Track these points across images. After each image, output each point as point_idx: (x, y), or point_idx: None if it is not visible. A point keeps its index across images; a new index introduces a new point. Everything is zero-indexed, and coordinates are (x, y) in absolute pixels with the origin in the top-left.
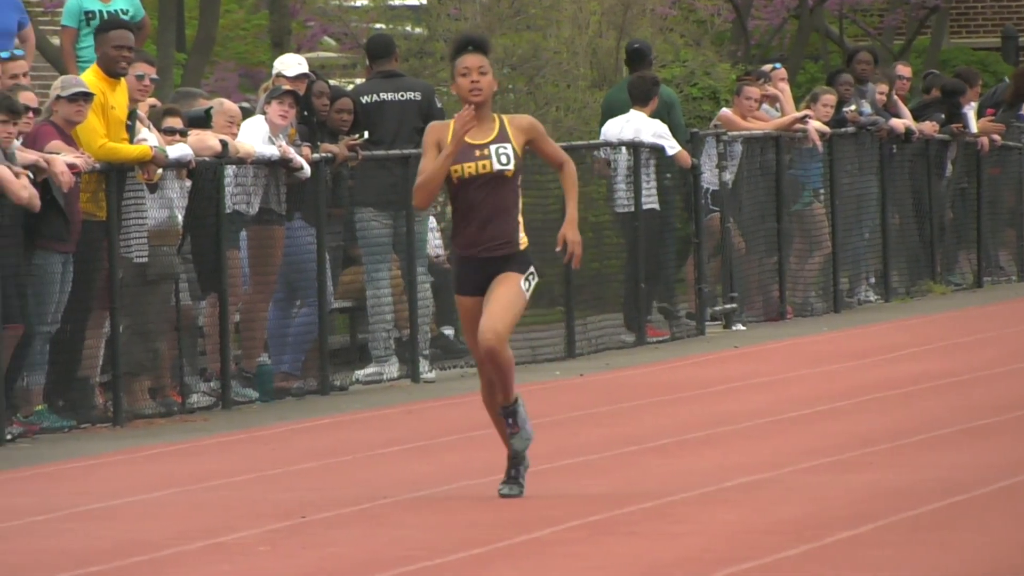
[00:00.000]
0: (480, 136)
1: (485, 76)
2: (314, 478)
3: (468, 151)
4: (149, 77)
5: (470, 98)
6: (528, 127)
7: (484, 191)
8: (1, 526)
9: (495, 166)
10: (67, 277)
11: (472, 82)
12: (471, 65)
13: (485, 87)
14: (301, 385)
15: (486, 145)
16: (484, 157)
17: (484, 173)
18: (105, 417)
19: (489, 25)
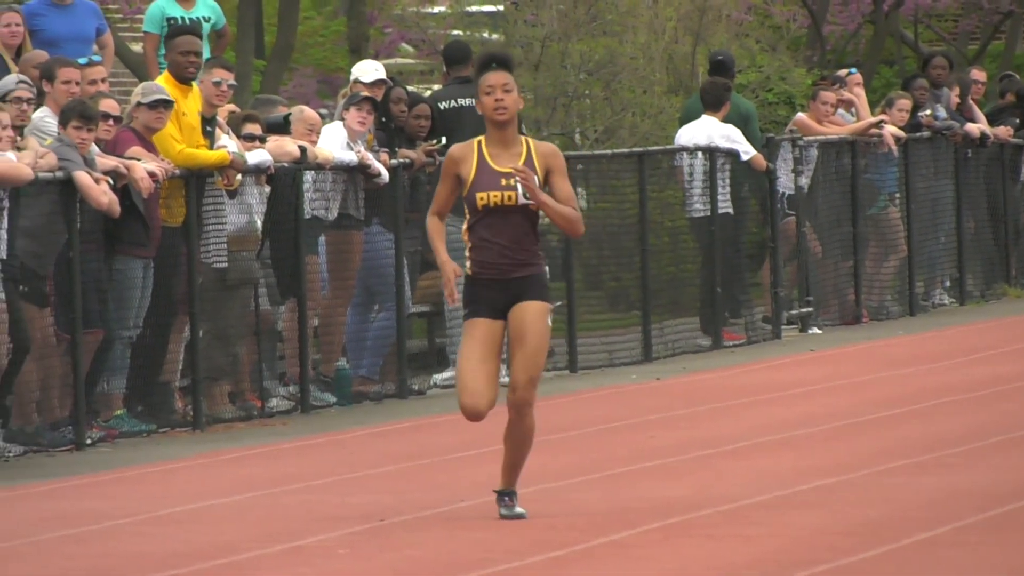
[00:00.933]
0: (506, 162)
1: (510, 94)
2: (392, 481)
3: (493, 178)
4: (227, 83)
5: (495, 117)
6: (550, 154)
7: (507, 220)
8: (82, 530)
9: (520, 199)
10: (147, 282)
11: (496, 100)
12: (495, 83)
13: (510, 105)
14: (379, 389)
15: (511, 174)
16: (510, 188)
17: (509, 205)
18: (185, 421)
19: (565, 31)
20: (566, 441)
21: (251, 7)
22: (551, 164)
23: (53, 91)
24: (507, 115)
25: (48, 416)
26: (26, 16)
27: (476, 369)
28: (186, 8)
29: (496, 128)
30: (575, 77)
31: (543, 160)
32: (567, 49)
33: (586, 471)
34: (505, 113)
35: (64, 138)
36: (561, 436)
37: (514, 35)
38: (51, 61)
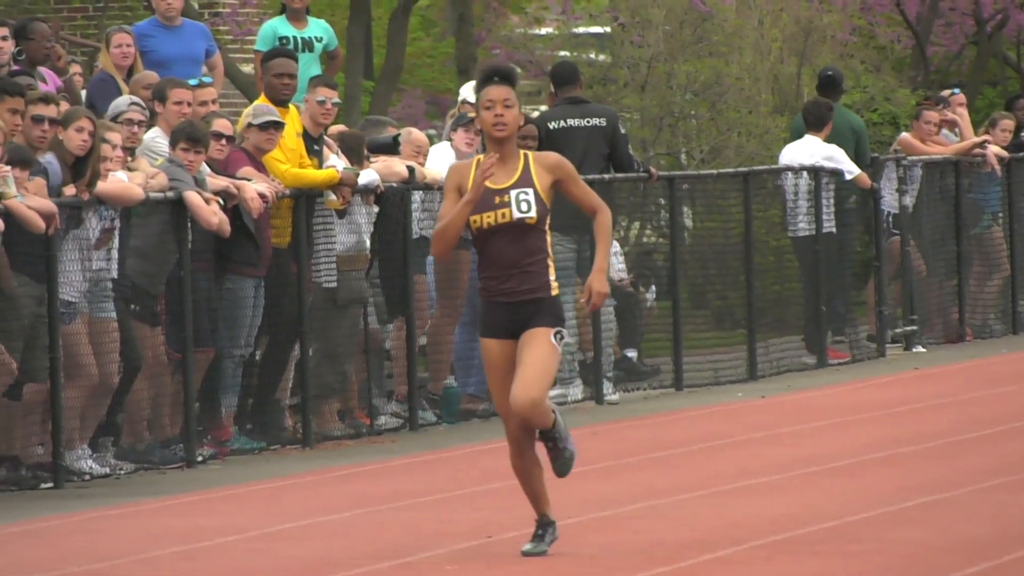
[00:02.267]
0: (501, 179)
1: (510, 109)
2: (500, 498)
3: (487, 198)
4: (331, 101)
5: (493, 133)
6: (554, 166)
7: (507, 240)
8: (193, 546)
9: (515, 214)
10: (258, 301)
11: (496, 116)
12: (495, 98)
13: (510, 121)
14: (486, 407)
15: (506, 190)
16: (503, 205)
17: (504, 222)
18: (295, 439)
19: (672, 51)
20: (672, 458)
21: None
22: (559, 175)
23: (165, 112)
24: (506, 131)
25: (159, 434)
26: (136, 37)
27: (502, 393)
28: (298, 28)
29: (494, 144)
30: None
31: (547, 173)
32: (673, 70)
33: (692, 488)
34: (504, 129)
35: (175, 159)
36: (668, 453)
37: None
38: (163, 82)
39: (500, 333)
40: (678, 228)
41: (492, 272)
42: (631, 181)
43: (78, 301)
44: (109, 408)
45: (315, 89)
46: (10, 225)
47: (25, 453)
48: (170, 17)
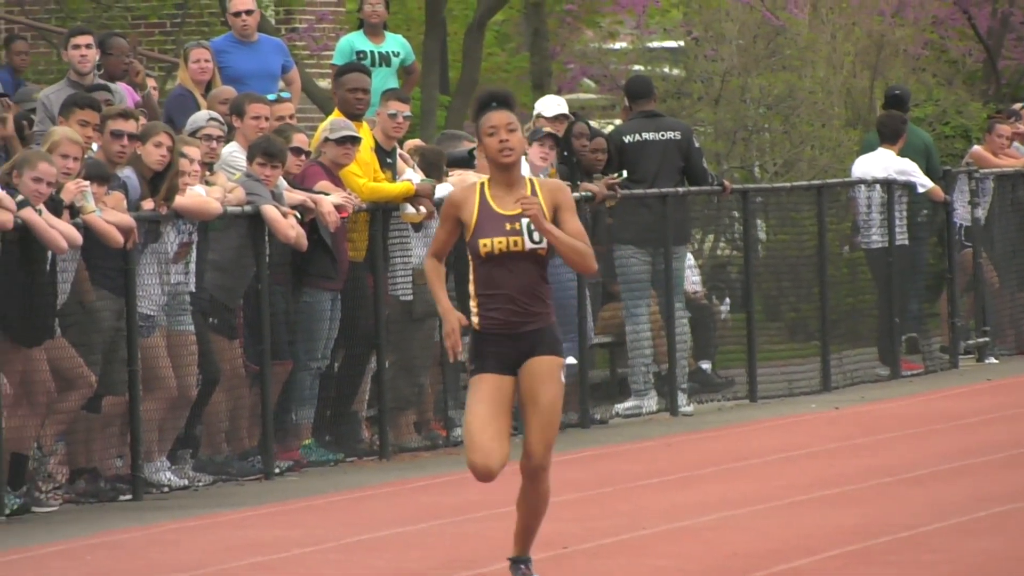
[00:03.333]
0: (511, 205)
1: (514, 134)
2: (576, 509)
3: (497, 223)
4: (402, 115)
5: (500, 159)
6: (556, 190)
7: (513, 268)
8: (271, 557)
9: (527, 244)
10: (335, 314)
11: (501, 141)
12: (498, 123)
13: (516, 146)
14: (562, 419)
15: (517, 218)
16: (515, 233)
17: (516, 251)
18: (371, 450)
19: (745, 65)
20: (747, 469)
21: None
22: (559, 200)
23: (242, 127)
24: (513, 156)
25: (237, 446)
26: (213, 53)
27: (485, 427)
28: (375, 42)
29: (500, 170)
30: (755, 111)
31: (550, 197)
32: (747, 84)
33: (766, 499)
34: (511, 155)
35: (252, 173)
36: (742, 464)
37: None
38: (241, 97)
39: (498, 368)
40: (752, 241)
41: (493, 302)
42: (705, 194)
43: (156, 314)
44: (187, 420)
45: (387, 103)
46: (89, 239)
47: (104, 465)
48: (246, 35)
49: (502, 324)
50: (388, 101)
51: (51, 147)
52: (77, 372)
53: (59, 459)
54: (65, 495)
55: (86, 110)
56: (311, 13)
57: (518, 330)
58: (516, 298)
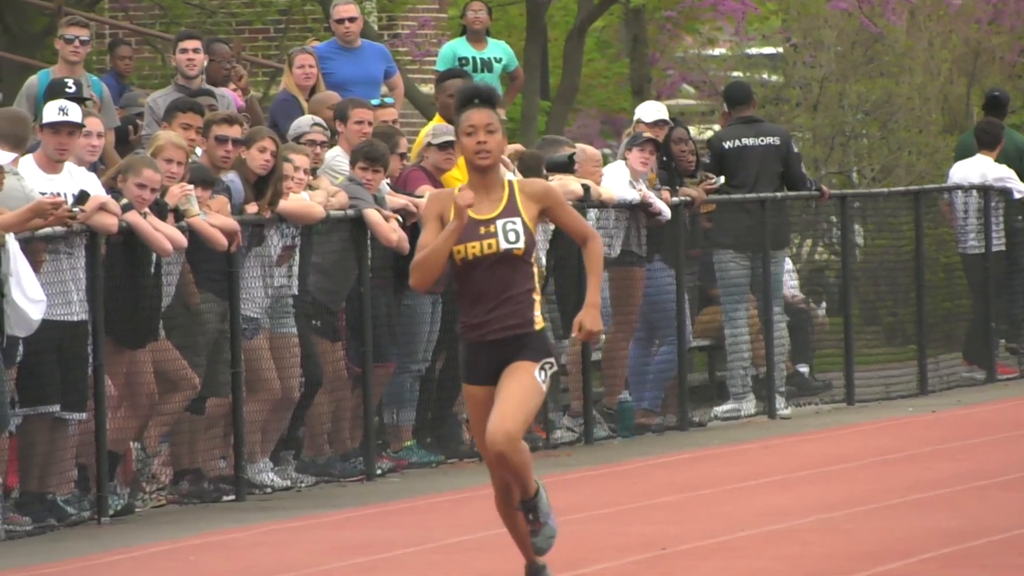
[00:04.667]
0: (486, 209)
1: (493, 135)
2: (673, 511)
3: (472, 228)
4: None
5: (476, 161)
6: (541, 194)
7: (491, 272)
8: (372, 558)
9: (502, 245)
10: (436, 317)
11: (479, 143)
12: (477, 123)
13: (494, 148)
14: (661, 421)
15: (492, 220)
16: (490, 235)
17: (490, 253)
18: (472, 452)
19: (843, 72)
20: (844, 472)
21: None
22: (547, 203)
23: (346, 131)
24: (490, 159)
25: (339, 447)
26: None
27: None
28: (478, 49)
29: (477, 173)
30: (852, 117)
31: (533, 201)
32: (845, 90)
33: (863, 501)
34: (488, 157)
35: (355, 177)
36: (839, 467)
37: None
38: (345, 102)
39: (485, 379)
40: (849, 245)
41: (474, 309)
42: (803, 199)
43: (260, 317)
44: (290, 422)
45: None
46: (194, 242)
47: (207, 466)
48: (349, 41)
49: (484, 331)
50: None
51: (156, 151)
52: (181, 374)
53: (163, 460)
54: (169, 496)
55: (188, 113)
56: (413, 19)
57: (501, 336)
58: (496, 304)
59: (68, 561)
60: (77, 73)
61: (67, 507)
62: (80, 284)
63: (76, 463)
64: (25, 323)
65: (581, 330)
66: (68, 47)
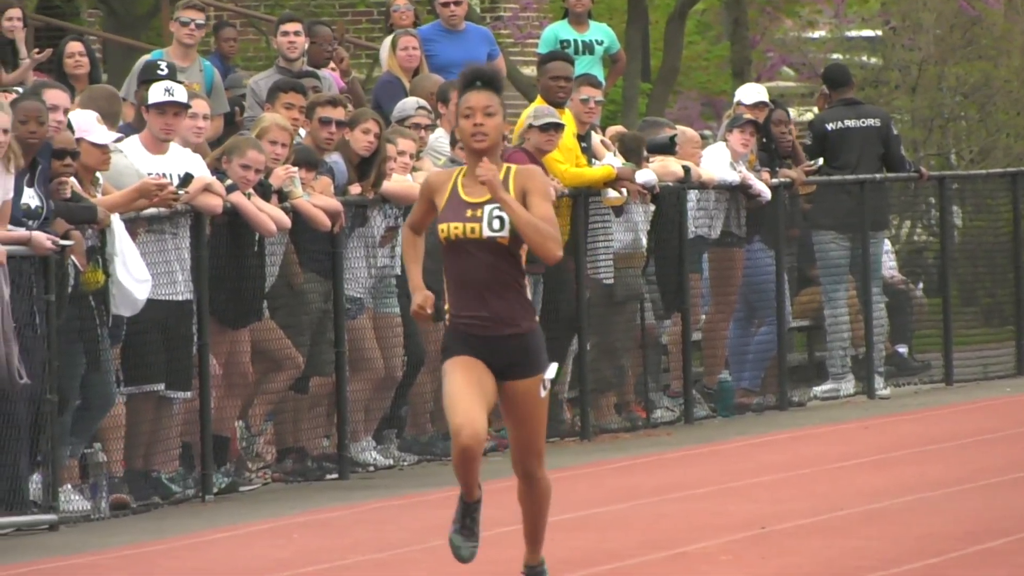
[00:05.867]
0: (477, 193)
1: (492, 118)
2: (773, 490)
3: (460, 208)
4: (594, 100)
5: (472, 144)
6: (526, 176)
7: (476, 259)
8: None
9: (485, 232)
10: (537, 298)
11: (476, 125)
12: (475, 105)
13: (491, 131)
14: (760, 401)
15: (480, 205)
16: (475, 220)
17: (473, 238)
18: (573, 431)
19: (942, 55)
20: (942, 452)
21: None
22: (527, 185)
23: (448, 113)
24: (487, 142)
25: (441, 426)
26: (421, 41)
27: (462, 393)
28: (580, 31)
29: (473, 156)
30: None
31: (519, 182)
32: (943, 72)
33: (961, 481)
34: (485, 140)
35: (456, 158)
36: (937, 447)
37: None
38: (447, 84)
39: (473, 353)
40: (948, 227)
41: (462, 300)
42: (902, 181)
43: (363, 297)
44: (393, 401)
45: (579, 88)
46: (297, 223)
47: (311, 445)
48: (453, 24)
49: (473, 321)
50: (580, 87)
51: (260, 133)
52: (285, 353)
53: (267, 439)
54: (273, 474)
55: (291, 93)
56: (515, 2)
57: (491, 333)
58: (483, 293)
59: (173, 539)
60: (191, 56)
61: (172, 485)
62: (185, 264)
63: (180, 441)
64: (130, 302)
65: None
66: (183, 29)
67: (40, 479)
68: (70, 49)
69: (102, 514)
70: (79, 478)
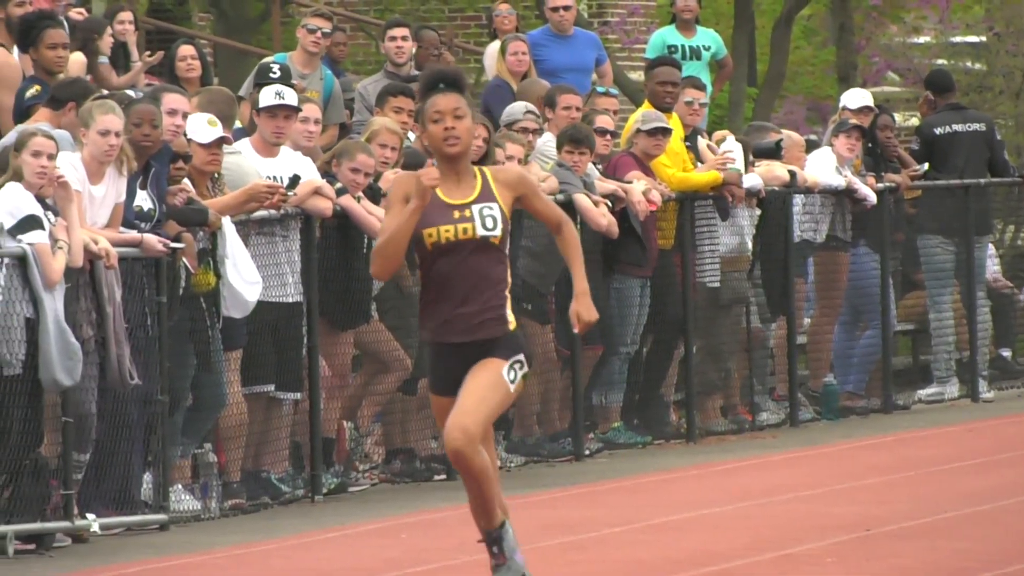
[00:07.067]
0: (460, 194)
1: (462, 120)
2: (878, 493)
3: (445, 211)
4: (698, 102)
5: (445, 149)
6: (516, 181)
7: (463, 261)
8: (580, 537)
9: (479, 231)
10: (644, 300)
11: (446, 129)
12: (444, 108)
13: (463, 134)
14: (865, 404)
15: (467, 205)
16: (466, 220)
17: (465, 239)
18: (678, 433)
19: None
20: None
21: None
22: (521, 191)
23: (555, 117)
24: (459, 146)
25: (548, 428)
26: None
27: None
28: (687, 37)
29: (446, 161)
30: None
31: (508, 189)
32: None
33: None
34: (457, 144)
35: (563, 162)
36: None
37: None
38: (553, 89)
39: (451, 387)
40: None
41: (440, 306)
42: (1006, 186)
43: None
44: None
45: (684, 90)
46: None
47: (419, 446)
48: (562, 29)
49: (453, 329)
50: (685, 88)
51: (370, 137)
52: (394, 355)
53: (376, 439)
54: (381, 475)
55: (400, 97)
56: (623, 7)
57: (470, 337)
58: (468, 297)
59: (282, 539)
60: (313, 64)
61: (281, 485)
62: (295, 266)
63: (290, 442)
64: (241, 304)
65: (580, 321)
66: (310, 37)
67: (151, 479)
68: (182, 52)
69: (212, 514)
70: (190, 478)
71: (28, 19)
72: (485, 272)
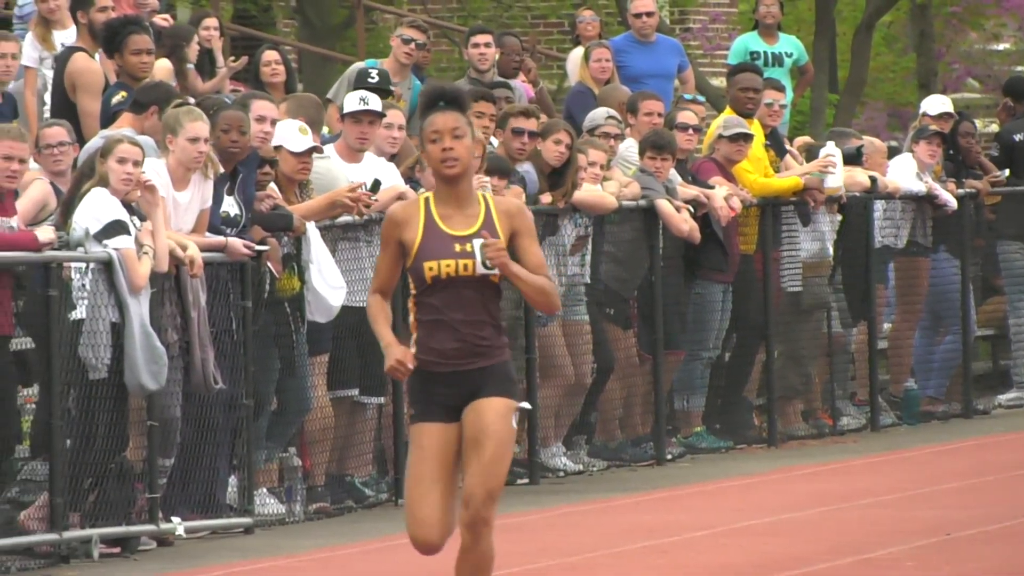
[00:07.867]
0: (460, 224)
1: (461, 140)
2: (958, 497)
3: (446, 243)
4: (778, 103)
5: (443, 171)
6: (515, 214)
7: (461, 294)
8: (663, 541)
9: (479, 269)
10: (726, 305)
11: (444, 150)
12: (442, 127)
13: (462, 155)
14: (945, 409)
15: (468, 238)
16: (467, 255)
17: (466, 276)
18: (760, 438)
19: None
20: None
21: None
22: (517, 225)
23: (637, 123)
24: (458, 168)
25: (630, 432)
26: (612, 52)
27: (426, 493)
28: (769, 43)
29: (445, 183)
30: None
31: (507, 221)
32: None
33: None
34: (455, 165)
35: (646, 168)
36: None
37: None
38: (636, 95)
39: (443, 415)
40: None
41: (435, 334)
42: None
43: None
44: (583, 407)
45: (762, 91)
46: None
47: None
48: (645, 35)
49: (446, 359)
50: (764, 90)
51: None
52: None
53: None
54: None
55: (481, 103)
56: (705, 13)
57: (464, 367)
58: (463, 330)
59: (366, 542)
60: (404, 73)
61: (365, 489)
62: None
63: (374, 446)
64: (325, 309)
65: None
66: (403, 47)
67: (236, 483)
68: (266, 58)
69: (296, 517)
70: (274, 482)
71: (113, 25)
72: (481, 304)
